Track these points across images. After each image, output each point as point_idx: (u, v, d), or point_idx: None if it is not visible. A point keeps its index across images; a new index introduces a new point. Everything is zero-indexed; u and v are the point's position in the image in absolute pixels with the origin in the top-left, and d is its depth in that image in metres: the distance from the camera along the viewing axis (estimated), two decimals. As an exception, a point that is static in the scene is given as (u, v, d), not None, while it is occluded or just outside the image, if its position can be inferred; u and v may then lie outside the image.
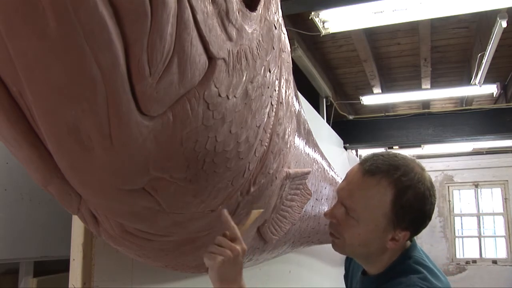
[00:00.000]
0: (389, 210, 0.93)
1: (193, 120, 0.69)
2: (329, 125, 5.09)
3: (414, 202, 0.94)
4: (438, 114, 5.51)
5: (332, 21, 3.14)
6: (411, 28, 4.20)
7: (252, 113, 0.86)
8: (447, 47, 4.67)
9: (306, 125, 1.82)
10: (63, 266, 1.63)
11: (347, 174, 1.02)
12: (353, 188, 0.96)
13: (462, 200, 8.60)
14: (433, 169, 8.51)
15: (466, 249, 8.33)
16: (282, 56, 1.08)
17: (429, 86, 5.38)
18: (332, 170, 2.58)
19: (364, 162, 0.99)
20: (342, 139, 5.62)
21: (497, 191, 8.26)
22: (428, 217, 0.99)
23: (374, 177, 0.94)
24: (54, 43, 0.50)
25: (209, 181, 0.84)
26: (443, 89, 5.05)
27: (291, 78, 1.26)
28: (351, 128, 5.75)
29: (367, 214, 0.95)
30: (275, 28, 0.96)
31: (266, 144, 1.03)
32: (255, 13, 0.82)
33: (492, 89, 4.65)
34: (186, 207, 0.87)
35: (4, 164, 1.79)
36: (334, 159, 4.26)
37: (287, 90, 1.15)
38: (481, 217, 8.35)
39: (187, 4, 0.59)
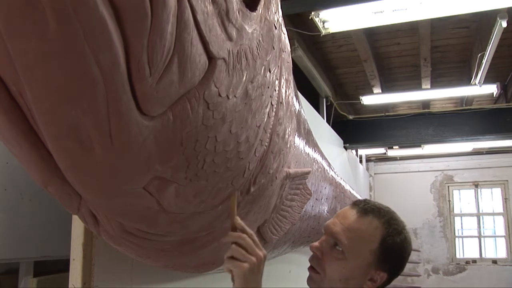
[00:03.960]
0: (376, 247, 0.98)
1: (193, 120, 0.69)
2: (329, 125, 5.09)
3: (399, 245, 1.00)
4: (438, 114, 5.51)
5: (332, 21, 3.14)
6: (411, 28, 4.20)
7: (252, 113, 0.86)
8: (447, 47, 4.67)
9: (306, 125, 1.82)
10: (63, 266, 1.63)
11: (338, 213, 1.07)
12: (346, 223, 1.01)
13: (462, 200, 8.60)
14: (433, 169, 8.52)
15: (466, 249, 8.33)
16: (282, 56, 1.08)
17: (429, 86, 5.38)
18: (332, 170, 2.58)
19: (357, 203, 1.06)
20: (342, 139, 5.62)
21: (497, 191, 8.26)
22: (404, 264, 1.04)
23: (368, 216, 1.01)
24: (54, 43, 0.50)
25: (209, 181, 0.84)
26: (443, 89, 5.05)
27: (291, 78, 1.26)
28: (351, 128, 5.75)
29: (356, 248, 0.98)
30: (275, 28, 0.96)
31: (266, 144, 1.03)
32: (255, 13, 0.82)
33: (492, 89, 4.65)
34: (186, 207, 0.87)
35: (4, 164, 1.79)
36: (334, 159, 4.26)
37: (287, 90, 1.15)
38: (481, 217, 8.35)
39: (187, 4, 0.59)
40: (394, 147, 7.44)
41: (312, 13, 3.02)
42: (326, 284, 1.00)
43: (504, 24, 3.17)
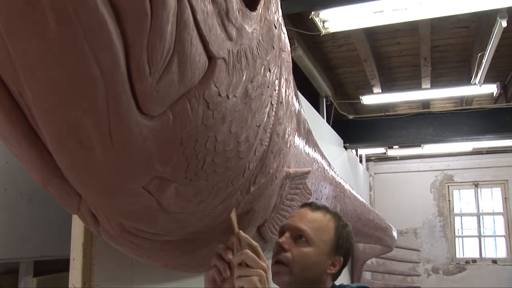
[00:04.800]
0: (333, 235, 1.16)
1: (193, 119, 0.69)
2: (329, 125, 5.09)
3: (348, 235, 1.19)
4: (438, 114, 5.51)
5: (332, 20, 3.14)
6: (411, 28, 4.20)
7: (252, 113, 0.86)
8: (447, 47, 4.67)
9: (306, 125, 1.82)
10: (63, 266, 1.63)
11: (292, 214, 1.23)
12: (304, 218, 1.17)
13: (462, 200, 8.60)
14: (433, 169, 8.52)
15: (466, 249, 8.33)
16: (282, 55, 1.08)
17: (429, 86, 5.39)
18: (332, 170, 2.58)
19: (306, 204, 1.24)
20: (342, 138, 5.62)
21: (497, 191, 8.26)
22: (351, 251, 1.23)
23: (320, 211, 1.20)
24: (54, 43, 0.50)
25: (209, 181, 0.84)
26: (443, 89, 5.05)
27: (291, 77, 1.26)
28: (351, 127, 5.75)
29: (318, 236, 1.14)
30: (275, 27, 0.95)
31: (266, 143, 1.02)
32: (255, 13, 0.82)
33: (492, 89, 4.65)
34: (186, 206, 0.87)
35: (4, 164, 1.79)
36: (334, 159, 4.26)
37: (287, 90, 1.15)
38: (481, 216, 8.36)
39: (187, 4, 0.59)
40: (394, 147, 7.44)
41: (312, 13, 3.02)
42: (295, 271, 1.10)
43: (504, 24, 3.17)
